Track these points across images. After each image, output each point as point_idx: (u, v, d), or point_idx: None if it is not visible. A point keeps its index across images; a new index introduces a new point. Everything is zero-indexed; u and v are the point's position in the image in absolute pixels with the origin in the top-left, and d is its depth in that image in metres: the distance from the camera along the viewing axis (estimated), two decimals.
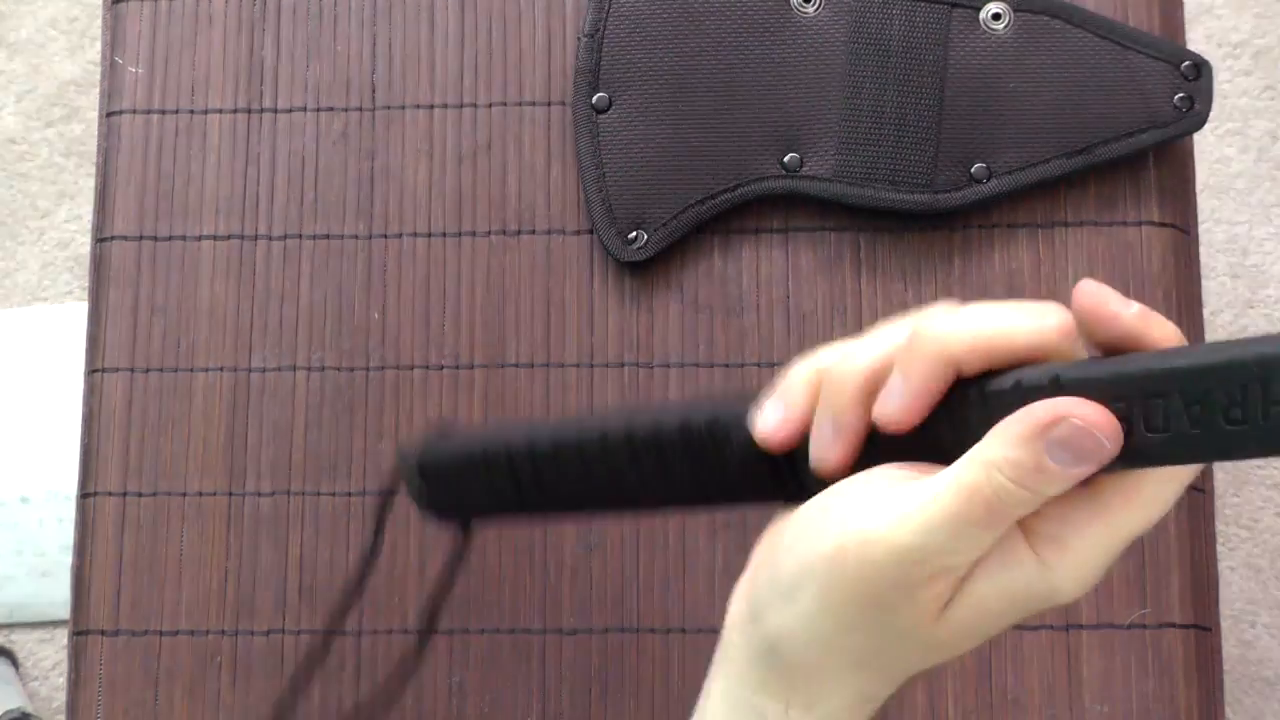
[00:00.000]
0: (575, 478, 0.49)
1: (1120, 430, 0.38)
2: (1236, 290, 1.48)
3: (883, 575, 0.38)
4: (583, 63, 0.68)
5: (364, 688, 0.65)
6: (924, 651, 0.40)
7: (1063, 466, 0.37)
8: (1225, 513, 1.42)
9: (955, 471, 0.38)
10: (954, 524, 0.38)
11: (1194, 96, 0.67)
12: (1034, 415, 0.38)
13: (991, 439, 0.38)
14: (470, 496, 0.52)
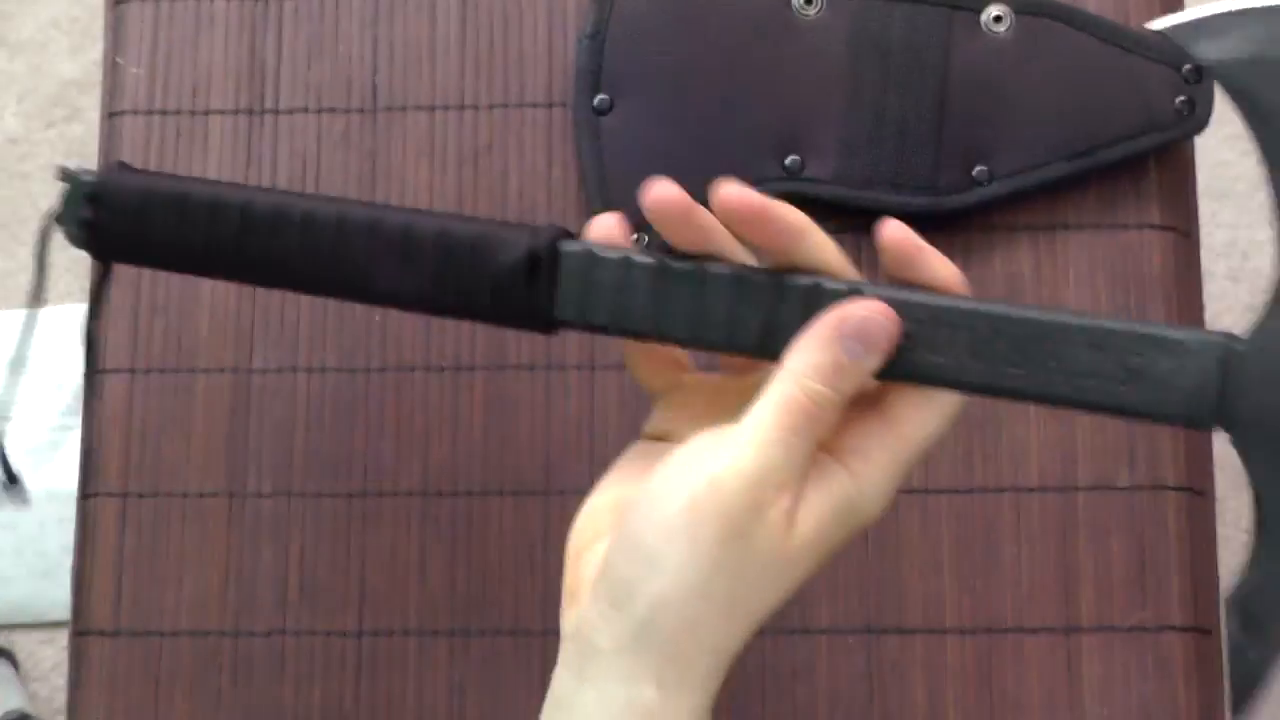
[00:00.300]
0: (289, 251, 0.50)
1: (898, 320, 0.44)
2: (1237, 293, 1.48)
3: (738, 503, 0.42)
4: (584, 64, 0.68)
5: (364, 688, 0.65)
6: (780, 576, 0.44)
7: (856, 359, 0.44)
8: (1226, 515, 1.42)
9: (771, 392, 0.44)
10: (783, 437, 0.43)
11: (1195, 99, 0.67)
12: (825, 321, 0.44)
13: (794, 352, 0.44)
14: (147, 242, 0.51)
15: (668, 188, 0.46)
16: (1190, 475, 0.66)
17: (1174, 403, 0.43)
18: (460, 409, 0.67)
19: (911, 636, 0.65)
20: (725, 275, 0.47)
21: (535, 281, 0.48)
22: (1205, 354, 0.43)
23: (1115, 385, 0.44)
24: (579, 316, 0.48)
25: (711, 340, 0.47)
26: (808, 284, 0.46)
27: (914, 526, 0.65)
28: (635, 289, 0.48)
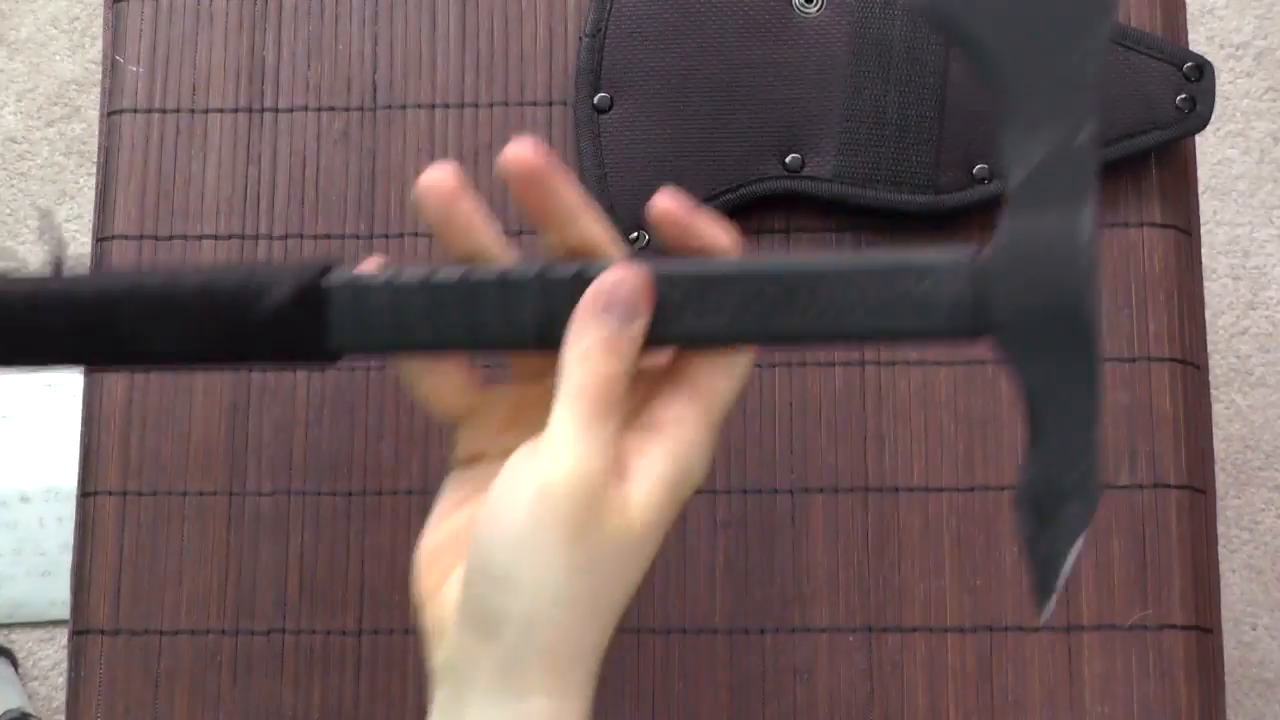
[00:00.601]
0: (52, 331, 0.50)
1: (645, 275, 0.46)
2: (1238, 291, 1.48)
3: (574, 501, 0.43)
4: (584, 63, 0.68)
5: (364, 687, 0.65)
6: (632, 559, 0.45)
7: (624, 322, 0.45)
8: (1226, 514, 1.42)
9: (563, 386, 0.45)
10: (590, 423, 0.44)
11: (1196, 98, 0.67)
12: (583, 304, 0.46)
13: (569, 342, 0.45)
14: None
15: (442, 171, 0.48)
16: (1191, 474, 0.66)
17: (937, 320, 0.45)
18: None
19: (912, 635, 0.65)
20: (491, 276, 0.48)
21: (306, 316, 0.48)
22: (956, 270, 0.45)
23: (880, 314, 0.46)
24: (357, 343, 0.49)
25: (490, 341, 0.48)
26: (572, 271, 0.48)
27: (914, 525, 0.65)
28: (408, 305, 0.48)
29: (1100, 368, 0.44)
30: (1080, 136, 0.44)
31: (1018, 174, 0.44)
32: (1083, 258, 0.44)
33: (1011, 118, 0.44)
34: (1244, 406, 1.45)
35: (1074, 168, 0.44)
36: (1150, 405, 0.66)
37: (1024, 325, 0.45)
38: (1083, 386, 0.44)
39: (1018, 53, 0.45)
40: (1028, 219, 0.44)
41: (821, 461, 0.66)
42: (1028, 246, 0.44)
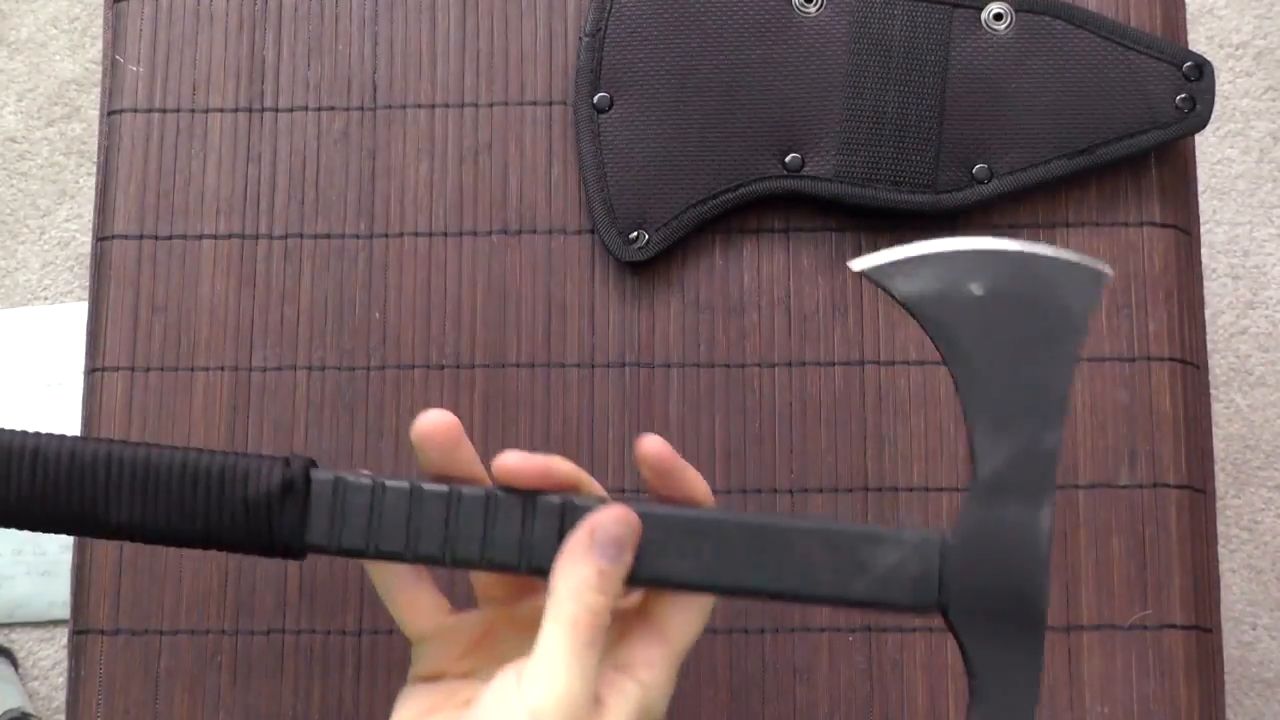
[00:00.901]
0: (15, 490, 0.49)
1: (637, 518, 0.49)
2: (1238, 291, 1.48)
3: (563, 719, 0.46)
4: (584, 62, 0.68)
5: (364, 688, 0.65)
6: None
7: (613, 561, 0.48)
8: (1226, 514, 1.42)
9: (554, 616, 0.47)
10: (579, 653, 0.47)
11: (1195, 97, 0.67)
12: (577, 538, 0.48)
13: (560, 573, 0.48)
14: None
15: (439, 417, 0.50)
16: (1191, 474, 0.66)
17: (901, 592, 0.49)
18: (460, 407, 0.67)
19: (912, 635, 0.65)
20: (477, 495, 0.50)
21: (287, 508, 0.49)
22: (923, 547, 0.49)
23: (848, 579, 0.49)
24: (331, 541, 0.50)
25: (465, 557, 0.50)
26: (557, 501, 0.50)
27: (914, 525, 0.65)
28: (388, 511, 0.50)
29: (1043, 651, 0.48)
30: (1046, 440, 0.48)
31: (985, 466, 0.48)
32: (1041, 548, 0.48)
33: (982, 413, 0.48)
34: (1244, 406, 1.45)
35: (1038, 467, 0.48)
36: (1150, 405, 0.66)
37: (980, 607, 0.48)
38: (1029, 662, 0.48)
39: (993, 357, 0.48)
40: (992, 508, 0.48)
41: (821, 461, 0.66)
42: (991, 534, 0.48)
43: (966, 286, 0.48)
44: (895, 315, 0.68)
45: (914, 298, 0.49)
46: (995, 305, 0.48)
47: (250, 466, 0.49)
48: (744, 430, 0.66)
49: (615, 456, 0.66)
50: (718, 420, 0.67)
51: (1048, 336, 0.48)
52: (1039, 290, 0.48)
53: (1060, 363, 0.48)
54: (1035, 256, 0.49)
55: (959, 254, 0.49)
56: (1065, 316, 0.48)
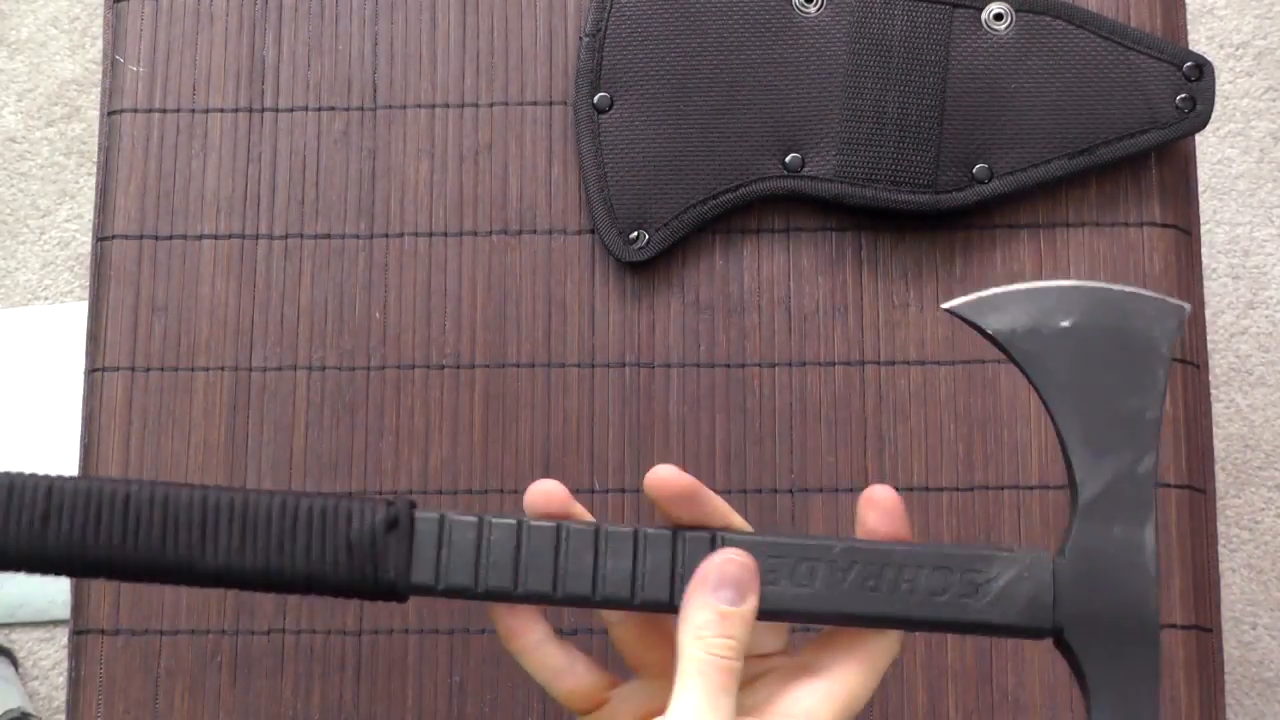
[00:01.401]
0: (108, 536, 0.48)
1: (752, 558, 0.48)
2: (1238, 291, 1.48)
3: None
4: (584, 63, 0.68)
5: (364, 688, 0.65)
6: None
7: (734, 604, 0.47)
8: (1226, 514, 1.42)
9: (684, 666, 0.47)
10: (714, 699, 0.46)
11: (1196, 97, 0.67)
12: (693, 585, 0.48)
13: (681, 621, 0.48)
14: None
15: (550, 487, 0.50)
16: (1191, 473, 0.66)
17: (1017, 613, 0.49)
18: (460, 407, 0.67)
19: (912, 635, 0.65)
20: (586, 529, 0.49)
21: (391, 546, 0.48)
22: (1039, 567, 0.49)
23: (964, 599, 0.49)
24: (438, 581, 0.49)
25: (576, 592, 0.49)
26: (668, 533, 0.49)
27: (915, 524, 0.65)
28: (494, 547, 0.49)
29: (1159, 667, 0.49)
30: (1144, 464, 0.50)
31: (1088, 490, 0.50)
32: (1150, 566, 0.49)
33: (1080, 443, 0.50)
34: (1244, 406, 1.45)
35: (1139, 489, 0.50)
36: None
37: (1094, 625, 0.49)
38: (1146, 681, 0.49)
39: (1086, 386, 0.50)
40: (1098, 529, 0.49)
41: (821, 461, 0.66)
42: (1099, 554, 0.49)
43: (1055, 320, 0.51)
44: (895, 315, 0.68)
45: (1005, 333, 0.51)
46: (1084, 337, 0.50)
47: (353, 507, 0.48)
48: (744, 430, 0.66)
49: (615, 456, 0.66)
50: (718, 420, 0.67)
51: (1135, 366, 0.50)
52: (1123, 322, 0.50)
53: (1149, 390, 0.50)
54: (1118, 292, 0.51)
55: (1045, 290, 0.51)
56: (1150, 346, 0.50)
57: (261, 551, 0.48)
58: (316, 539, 0.48)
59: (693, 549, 0.49)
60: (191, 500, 0.48)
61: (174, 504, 0.48)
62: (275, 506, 0.48)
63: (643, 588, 0.49)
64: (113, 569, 0.48)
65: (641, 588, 0.49)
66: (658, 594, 0.48)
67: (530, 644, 0.51)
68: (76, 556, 0.48)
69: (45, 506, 0.48)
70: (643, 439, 0.67)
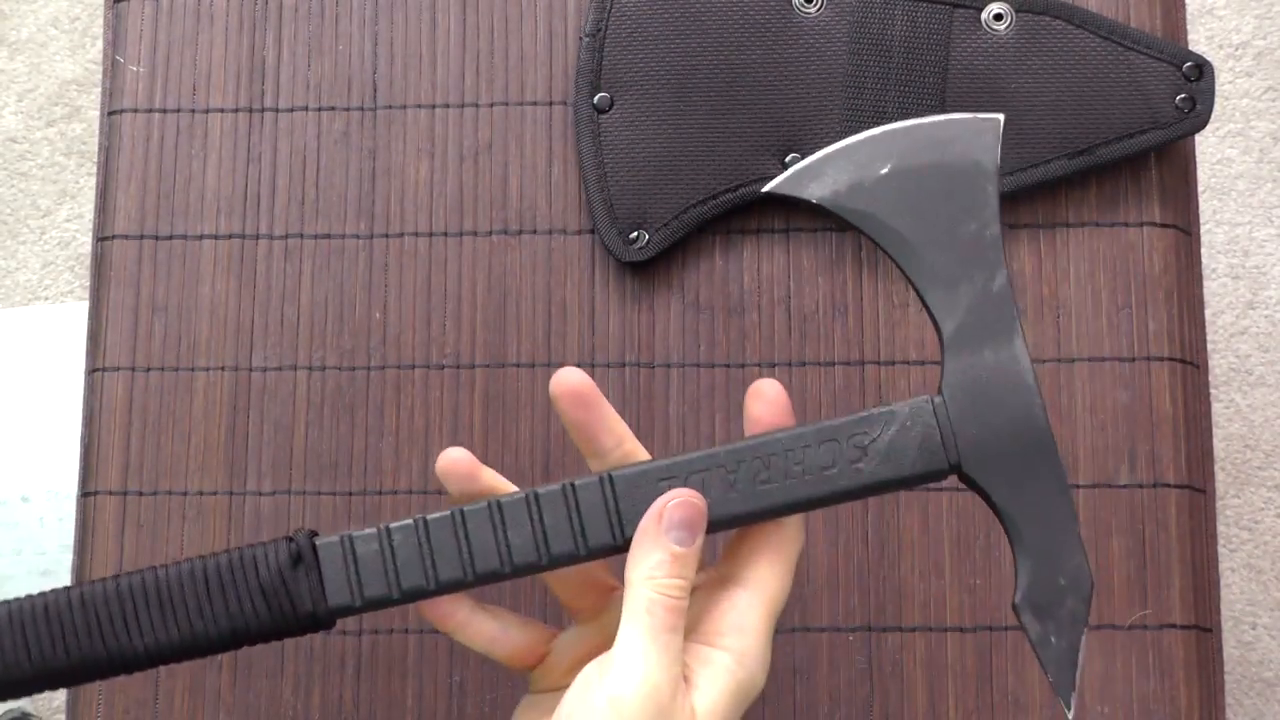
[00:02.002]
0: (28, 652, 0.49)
1: (702, 498, 0.49)
2: (1238, 291, 1.48)
3: (643, 713, 0.46)
4: (584, 63, 0.68)
5: (364, 688, 0.65)
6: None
7: (686, 545, 0.48)
8: (1226, 514, 1.42)
9: (631, 604, 0.47)
10: (657, 637, 0.47)
11: (1195, 97, 0.67)
12: (646, 526, 0.48)
13: (633, 562, 0.48)
14: None
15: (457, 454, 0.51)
16: (1190, 473, 0.66)
17: (911, 463, 0.49)
18: (460, 406, 0.67)
19: (912, 635, 0.65)
20: (480, 508, 0.50)
21: (300, 579, 0.49)
22: (918, 413, 0.49)
23: (856, 465, 0.49)
24: (355, 598, 0.50)
25: (487, 570, 0.50)
26: (557, 488, 0.50)
27: (914, 525, 0.65)
28: (400, 550, 0.50)
29: (1064, 472, 0.49)
30: (997, 281, 0.50)
31: (949, 323, 0.50)
32: (1027, 378, 0.49)
33: (930, 280, 0.50)
34: (1244, 406, 1.45)
35: (998, 308, 0.50)
36: (1150, 405, 0.66)
37: (989, 450, 0.49)
38: (1054, 491, 0.49)
39: (920, 224, 0.50)
40: (969, 358, 0.49)
41: None
42: (975, 382, 0.49)
43: (875, 170, 0.51)
44: (895, 315, 0.68)
45: (829, 197, 0.51)
46: (906, 177, 0.51)
47: (256, 554, 0.50)
48: (744, 430, 0.66)
49: None
50: (718, 420, 0.67)
51: (963, 189, 0.50)
52: (941, 151, 0.51)
53: (983, 209, 0.50)
54: (927, 124, 0.51)
55: (857, 144, 0.51)
56: (973, 166, 0.50)
57: (183, 622, 0.49)
58: (231, 594, 0.49)
59: (584, 494, 0.50)
60: (105, 593, 0.49)
61: (90, 601, 0.49)
62: (185, 575, 0.49)
63: (548, 546, 0.50)
64: (48, 681, 0.49)
65: (547, 546, 0.50)
66: (563, 549, 0.50)
67: (460, 621, 0.52)
68: (14, 680, 0.49)
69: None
70: (643, 439, 0.66)
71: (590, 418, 0.52)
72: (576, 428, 0.52)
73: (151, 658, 0.50)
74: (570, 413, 0.52)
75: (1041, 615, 0.49)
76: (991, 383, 0.49)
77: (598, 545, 0.50)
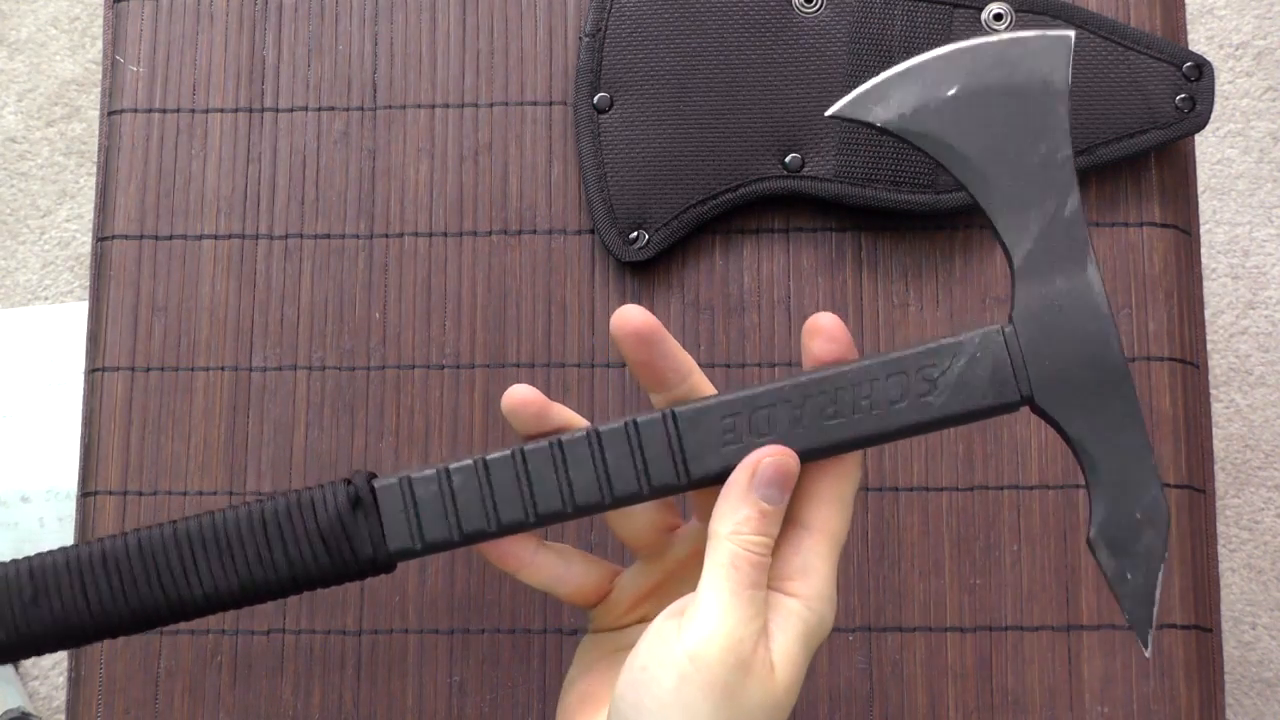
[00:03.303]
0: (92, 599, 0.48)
1: (795, 454, 0.48)
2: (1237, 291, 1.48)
3: (724, 667, 0.45)
4: (584, 63, 0.68)
5: (364, 687, 0.65)
6: (775, 711, 0.47)
7: (774, 503, 0.47)
8: (1226, 514, 1.42)
9: (715, 557, 0.47)
10: (740, 593, 0.46)
11: (1195, 97, 0.67)
12: (737, 479, 0.48)
13: (720, 516, 0.47)
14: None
15: (527, 392, 0.50)
16: (1191, 473, 0.66)
17: (980, 394, 0.48)
18: (460, 406, 0.67)
19: (912, 635, 0.65)
20: (542, 447, 0.49)
21: (360, 524, 0.49)
22: (988, 344, 0.48)
23: (925, 399, 0.48)
24: (415, 541, 0.49)
25: (550, 511, 0.49)
26: (620, 426, 0.49)
27: (914, 525, 0.65)
28: (460, 492, 0.49)
29: (1139, 403, 0.48)
30: (1069, 206, 0.48)
31: (1019, 250, 0.48)
32: (1102, 306, 0.47)
33: (1001, 206, 0.48)
34: (1244, 406, 1.45)
35: (1069, 234, 0.48)
36: (1150, 405, 0.66)
37: (1062, 381, 0.48)
38: (1130, 422, 0.48)
39: (990, 147, 0.49)
40: (1040, 286, 0.48)
41: None
42: (1047, 310, 0.48)
43: (942, 91, 0.49)
44: (895, 315, 0.68)
45: (895, 120, 0.49)
46: (975, 98, 0.49)
47: (315, 497, 0.49)
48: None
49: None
50: None
51: (1034, 110, 0.49)
52: (1011, 71, 0.49)
53: (1055, 130, 0.48)
54: (995, 43, 0.49)
55: (923, 64, 0.49)
56: (1045, 86, 0.49)
57: (242, 568, 0.49)
58: (290, 540, 0.49)
59: (647, 432, 0.49)
60: (163, 539, 0.49)
61: (149, 548, 0.49)
62: (244, 520, 0.49)
63: (610, 487, 0.49)
64: (109, 630, 0.49)
65: (609, 487, 0.49)
66: (626, 488, 0.49)
67: (524, 561, 0.52)
68: (73, 629, 0.49)
69: (32, 589, 0.49)
70: None
71: (653, 355, 0.50)
72: (641, 366, 0.51)
73: (211, 604, 0.49)
74: (634, 353, 0.50)
75: (1117, 550, 0.48)
76: (1064, 311, 0.48)
77: (661, 484, 0.49)
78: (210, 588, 0.49)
